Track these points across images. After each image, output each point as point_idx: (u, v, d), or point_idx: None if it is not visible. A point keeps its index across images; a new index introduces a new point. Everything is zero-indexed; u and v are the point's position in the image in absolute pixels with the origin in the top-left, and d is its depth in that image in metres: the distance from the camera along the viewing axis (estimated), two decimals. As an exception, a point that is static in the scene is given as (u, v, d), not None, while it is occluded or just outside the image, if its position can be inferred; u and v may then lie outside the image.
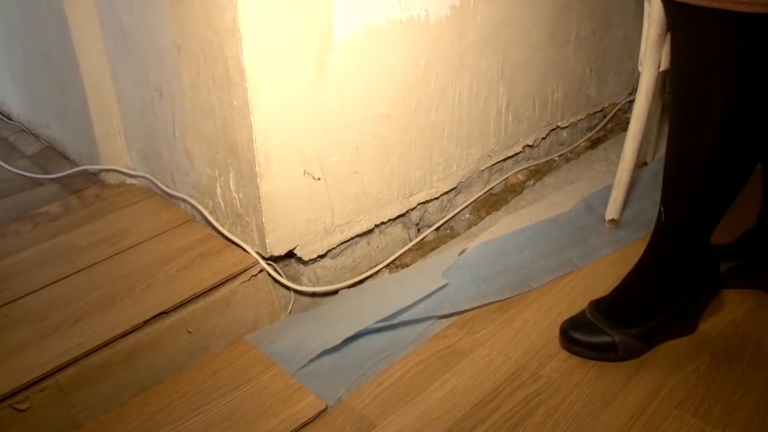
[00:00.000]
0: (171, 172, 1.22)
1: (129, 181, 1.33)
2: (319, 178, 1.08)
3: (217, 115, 1.03)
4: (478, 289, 1.10)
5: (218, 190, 1.12)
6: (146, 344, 0.96)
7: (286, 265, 1.15)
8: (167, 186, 1.25)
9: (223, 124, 1.03)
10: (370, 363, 0.97)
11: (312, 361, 0.97)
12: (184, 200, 1.22)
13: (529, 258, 1.15)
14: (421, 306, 1.07)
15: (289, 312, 1.14)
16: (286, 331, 1.05)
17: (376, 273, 1.21)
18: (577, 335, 0.93)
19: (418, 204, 1.25)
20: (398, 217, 1.22)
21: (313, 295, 1.16)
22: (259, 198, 1.03)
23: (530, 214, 1.26)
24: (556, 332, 1.00)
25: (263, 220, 1.05)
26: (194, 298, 1.02)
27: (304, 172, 1.06)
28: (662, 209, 0.81)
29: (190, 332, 1.00)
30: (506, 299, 1.08)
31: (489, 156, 1.33)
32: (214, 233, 1.17)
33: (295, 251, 1.11)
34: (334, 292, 1.17)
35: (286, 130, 1.00)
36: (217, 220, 1.16)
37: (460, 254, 1.17)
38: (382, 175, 1.15)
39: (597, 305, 0.96)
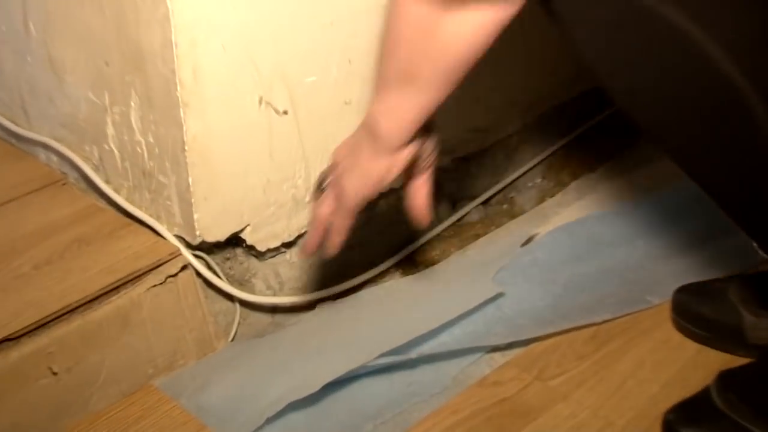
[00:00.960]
0: (21, 99, 1.16)
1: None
2: (285, 112, 1.00)
3: (106, -4, 0.95)
4: (553, 303, 1.06)
5: (110, 130, 1.04)
6: None
7: (228, 258, 1.08)
8: (13, 121, 1.20)
9: (118, 13, 0.95)
10: (371, 426, 0.92)
11: (270, 420, 0.91)
12: (46, 146, 1.16)
13: (645, 253, 1.11)
14: (457, 331, 1.02)
15: (232, 338, 1.07)
16: (226, 372, 1.00)
17: (379, 275, 1.18)
18: None
19: (454, 159, 1.22)
20: None
21: (274, 309, 1.12)
22: (184, 144, 0.94)
23: (649, 176, 1.24)
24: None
25: (189, 180, 0.97)
26: (65, 314, 0.93)
27: (261, 101, 0.98)
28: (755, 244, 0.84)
29: (55, 373, 0.91)
30: (603, 323, 1.04)
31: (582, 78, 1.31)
32: (102, 203, 1.10)
33: (243, 235, 1.04)
34: (309, 306, 1.13)
35: (230, 26, 0.93)
36: (106, 182, 1.09)
37: (524, 244, 1.16)
38: None
39: (730, 381, 0.91)
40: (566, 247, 1.14)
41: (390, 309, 1.08)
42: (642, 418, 0.92)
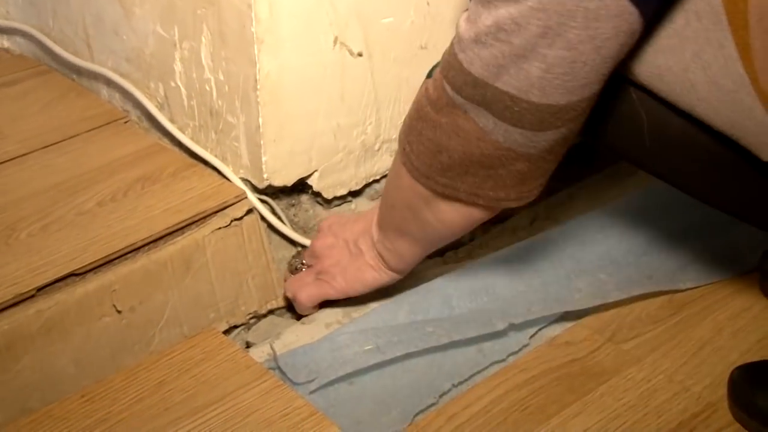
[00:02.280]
0: (84, 32, 1.15)
1: (-4, 41, 1.27)
2: (360, 54, 0.99)
3: None
4: (636, 265, 1.04)
5: (177, 66, 1.03)
6: (38, 328, 0.88)
7: (293, 204, 1.08)
8: (76, 54, 1.18)
9: None
10: (449, 385, 0.91)
11: (342, 379, 0.90)
12: (110, 81, 1.14)
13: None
14: (531, 296, 1.00)
15: None
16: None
17: None
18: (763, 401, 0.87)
19: None
20: None
21: None
22: (256, 82, 0.93)
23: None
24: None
25: (260, 120, 0.96)
26: (128, 252, 0.93)
27: (335, 41, 0.97)
28: None
29: (119, 311, 0.92)
30: (686, 290, 1.03)
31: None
32: (166, 142, 1.10)
33: (310, 181, 1.04)
34: None
35: None
36: (171, 120, 1.09)
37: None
38: None
39: None
40: (641, 210, 1.12)
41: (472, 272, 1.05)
42: (719, 385, 0.91)
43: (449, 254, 1.11)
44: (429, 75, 0.80)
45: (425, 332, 0.93)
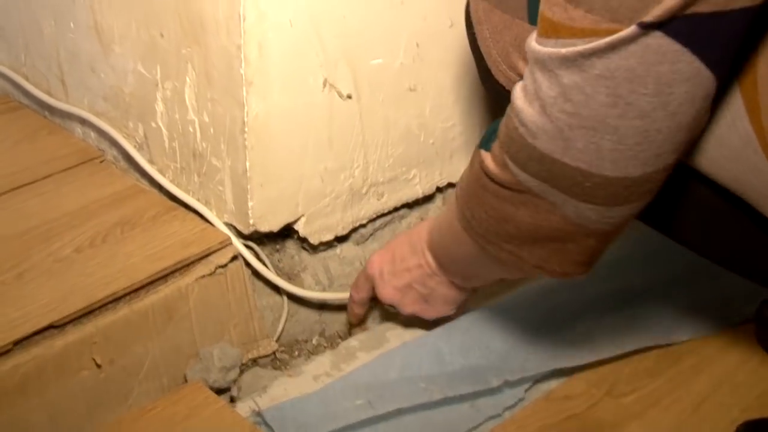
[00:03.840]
0: (59, 68, 1.14)
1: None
2: (349, 96, 0.98)
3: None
4: (630, 316, 1.03)
5: (159, 106, 1.02)
6: (14, 385, 0.85)
7: (278, 250, 1.06)
8: (49, 91, 1.17)
9: None
10: None
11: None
12: (84, 120, 1.13)
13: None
14: (525, 351, 0.99)
15: (279, 336, 1.05)
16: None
17: None
18: None
19: None
20: None
21: (323, 306, 1.09)
22: (244, 124, 0.92)
23: None
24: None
25: (247, 164, 0.95)
26: (109, 302, 0.91)
27: (325, 83, 0.96)
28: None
29: (98, 365, 0.90)
30: (688, 340, 1.02)
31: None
32: (145, 184, 1.08)
33: (296, 226, 1.02)
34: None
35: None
36: (151, 161, 1.07)
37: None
38: (455, 97, 1.08)
39: None
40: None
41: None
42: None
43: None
44: (483, 146, 0.75)
45: (418, 388, 0.92)
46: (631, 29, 0.59)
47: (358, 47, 0.97)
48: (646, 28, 0.58)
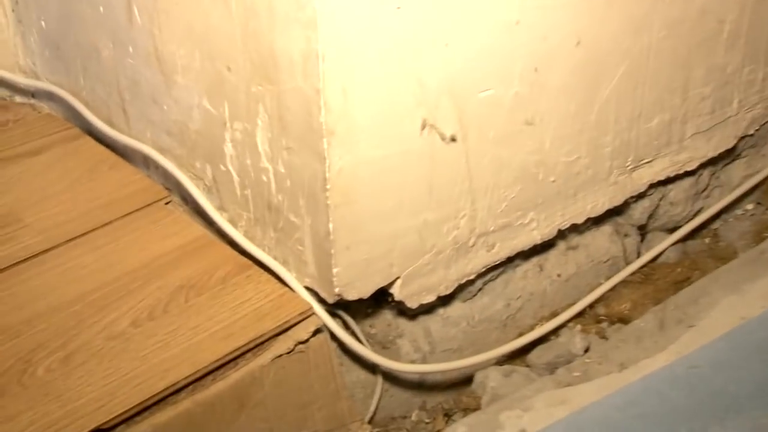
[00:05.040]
0: (118, 93, 1.08)
1: (20, 99, 1.24)
2: (453, 139, 0.87)
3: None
4: None
5: (228, 149, 0.95)
6: None
7: (368, 315, 0.97)
8: (110, 119, 1.12)
9: (246, 7, 0.84)
10: None
11: None
12: (148, 157, 1.06)
13: None
14: None
15: (371, 416, 0.97)
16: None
17: (554, 331, 1.06)
18: None
19: (650, 186, 1.13)
20: (607, 213, 1.10)
21: (421, 383, 0.99)
22: (325, 181, 0.84)
23: None
24: None
25: (330, 226, 0.86)
26: (169, 395, 0.82)
27: (424, 125, 0.85)
28: None
29: None
30: None
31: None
32: (212, 234, 1.00)
33: (391, 290, 0.93)
34: (466, 376, 1.02)
35: (390, 29, 0.81)
36: (221, 209, 1.00)
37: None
38: (580, 125, 1.00)
39: None
40: None
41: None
42: None
43: (561, 371, 0.96)
44: None
45: None
46: None
47: (464, 78, 0.87)
48: None
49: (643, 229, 1.15)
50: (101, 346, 0.85)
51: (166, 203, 1.04)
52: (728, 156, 1.17)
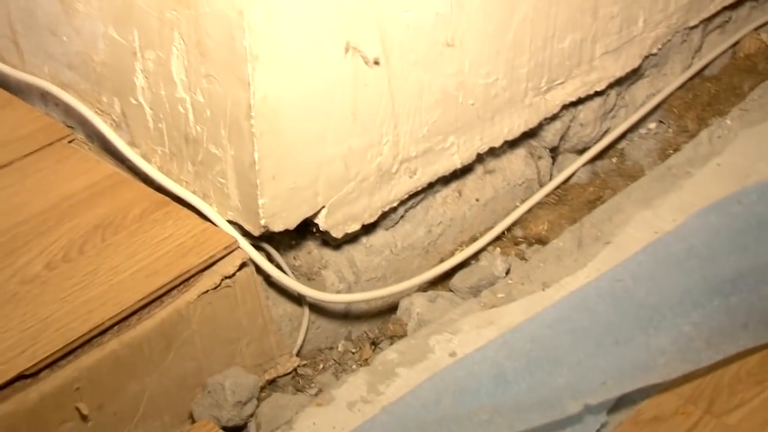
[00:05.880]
0: (9, 27, 1.04)
1: None
2: (377, 62, 0.86)
3: None
4: (727, 308, 0.92)
5: (139, 80, 0.91)
6: None
7: (292, 247, 0.96)
8: (2, 58, 1.07)
9: None
10: None
11: None
12: (47, 93, 1.02)
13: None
14: (603, 363, 0.87)
15: (299, 348, 0.95)
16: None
17: (475, 255, 1.06)
18: None
19: (563, 108, 1.13)
20: (522, 136, 1.10)
21: (347, 313, 1.02)
22: (250, 108, 0.81)
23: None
24: None
25: (255, 156, 0.83)
26: (93, 337, 0.80)
27: (347, 48, 0.84)
28: None
29: (84, 415, 0.78)
30: None
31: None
32: (124, 172, 0.97)
33: (316, 220, 0.91)
34: (390, 305, 1.02)
35: None
36: (132, 144, 0.96)
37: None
38: (498, 46, 1.00)
39: None
40: (728, 231, 0.98)
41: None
42: None
43: (486, 294, 0.96)
44: None
45: (480, 421, 0.80)
46: None
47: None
48: None
49: (554, 151, 1.15)
50: (15, 290, 0.83)
51: (70, 141, 0.99)
52: (633, 76, 1.18)
